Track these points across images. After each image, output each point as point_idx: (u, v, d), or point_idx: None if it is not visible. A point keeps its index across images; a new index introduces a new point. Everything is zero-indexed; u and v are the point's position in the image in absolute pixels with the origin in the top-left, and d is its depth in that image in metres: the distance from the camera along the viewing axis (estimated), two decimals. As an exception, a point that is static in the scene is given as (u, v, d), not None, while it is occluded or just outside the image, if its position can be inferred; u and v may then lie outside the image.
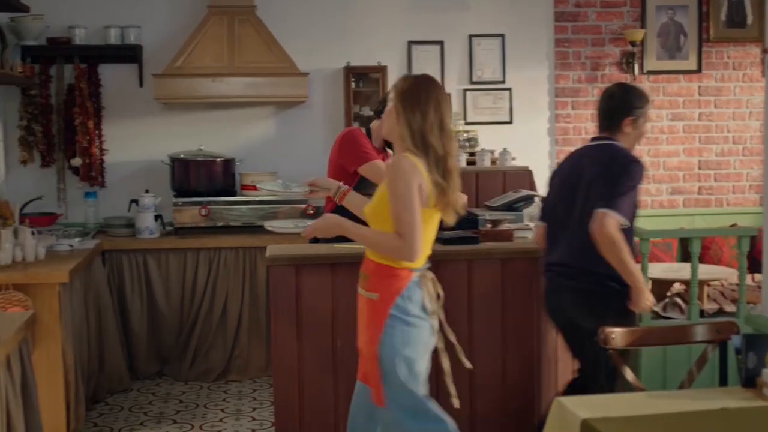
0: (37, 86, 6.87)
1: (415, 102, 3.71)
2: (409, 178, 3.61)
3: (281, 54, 6.82)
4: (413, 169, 3.63)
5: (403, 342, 3.69)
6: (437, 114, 3.71)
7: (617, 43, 7.61)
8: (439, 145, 3.68)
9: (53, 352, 5.17)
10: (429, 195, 3.65)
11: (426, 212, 3.67)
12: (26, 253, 5.48)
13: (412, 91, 3.75)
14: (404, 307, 3.69)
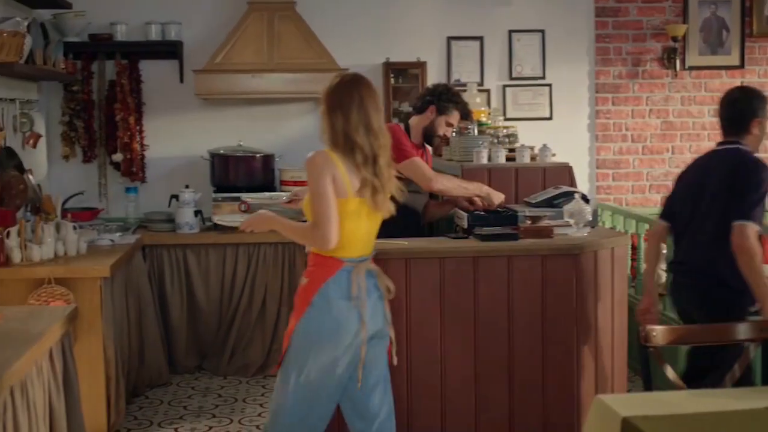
0: (79, 82, 6.93)
1: (337, 103, 3.85)
2: (320, 171, 3.75)
3: (321, 50, 6.83)
4: (326, 161, 3.78)
5: (319, 326, 3.80)
6: (361, 113, 3.81)
7: (659, 39, 7.55)
8: (366, 144, 3.79)
9: (94, 346, 5.21)
10: (347, 187, 3.77)
11: (346, 203, 3.78)
12: (68, 247, 5.53)
13: (335, 91, 3.89)
14: (326, 294, 3.80)
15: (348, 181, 3.78)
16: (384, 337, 3.98)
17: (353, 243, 3.86)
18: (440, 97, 5.47)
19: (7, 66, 5.31)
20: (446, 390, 4.59)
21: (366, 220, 3.89)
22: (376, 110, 3.88)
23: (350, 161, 3.79)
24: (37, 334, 3.45)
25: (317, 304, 3.81)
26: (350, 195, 3.78)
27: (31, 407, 3.26)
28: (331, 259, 3.84)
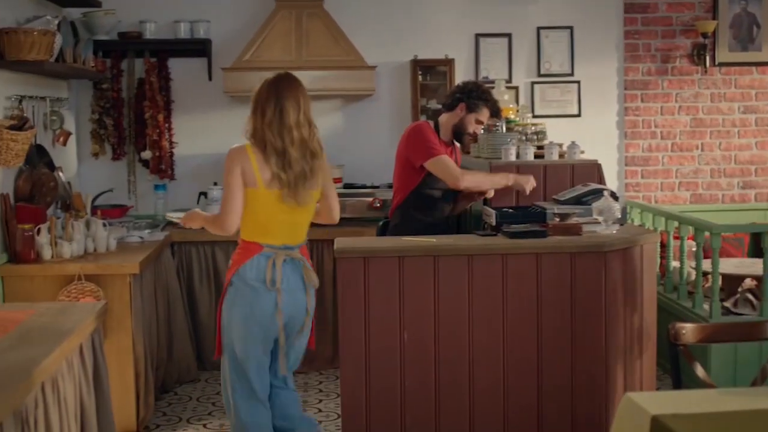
0: (108, 80, 6.98)
1: (258, 102, 4.18)
2: (230, 164, 4.09)
3: (349, 47, 6.83)
4: (239, 155, 4.11)
5: (235, 305, 4.11)
6: (277, 110, 4.11)
7: (688, 35, 7.50)
8: (276, 140, 4.08)
9: (124, 342, 5.25)
10: (257, 179, 4.07)
11: (256, 192, 4.09)
12: (98, 244, 5.57)
13: (259, 91, 4.21)
14: (243, 276, 4.10)
15: (259, 173, 4.07)
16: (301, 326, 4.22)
17: (271, 231, 4.13)
18: (470, 94, 5.46)
19: (38, 64, 5.35)
20: (474, 388, 4.58)
21: (285, 211, 4.13)
22: (295, 106, 4.15)
23: (264, 155, 4.09)
24: (67, 330, 3.48)
25: (235, 285, 4.13)
26: (261, 186, 4.08)
27: (61, 403, 3.28)
28: (252, 244, 4.14)
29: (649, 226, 6.65)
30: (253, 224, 4.14)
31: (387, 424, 4.57)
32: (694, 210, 7.19)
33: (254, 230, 4.14)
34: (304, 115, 4.18)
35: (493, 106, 5.52)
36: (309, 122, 4.21)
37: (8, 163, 5.07)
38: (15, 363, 3.04)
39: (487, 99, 5.48)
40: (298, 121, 4.14)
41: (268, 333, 4.13)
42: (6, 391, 2.74)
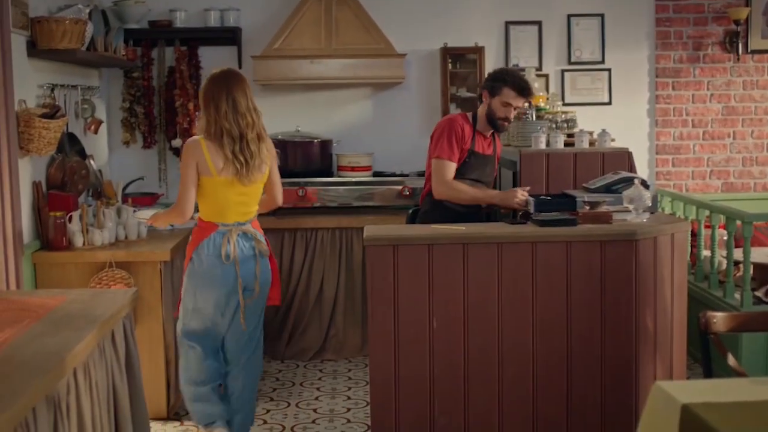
0: (139, 69, 7.01)
1: (210, 98, 4.59)
2: (185, 158, 4.58)
3: (378, 35, 6.83)
4: (193, 149, 4.57)
5: (193, 276, 4.67)
6: (229, 101, 4.57)
7: (720, 22, 7.43)
8: (233, 127, 4.56)
9: (155, 330, 5.29)
10: (210, 168, 4.56)
11: (212, 180, 4.58)
12: (128, 231, 5.60)
13: (207, 89, 4.63)
14: (201, 252, 4.65)
15: (212, 163, 4.56)
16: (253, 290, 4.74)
17: (225, 212, 4.68)
18: (489, 79, 5.34)
19: (69, 53, 5.39)
20: (503, 375, 4.58)
21: (237, 192, 4.65)
22: (244, 95, 4.62)
23: (218, 145, 4.56)
24: (99, 316, 3.51)
25: (194, 260, 4.68)
26: (214, 174, 4.57)
27: (93, 389, 3.31)
28: (209, 224, 4.69)
29: (680, 214, 6.61)
30: (209, 207, 4.68)
31: (416, 412, 4.57)
32: (725, 199, 7.14)
33: (211, 212, 4.68)
34: (251, 102, 4.66)
35: (515, 83, 5.25)
36: (255, 108, 4.69)
37: (40, 151, 5.11)
38: (47, 349, 3.07)
39: (506, 79, 5.26)
40: (249, 108, 4.63)
41: (219, 301, 4.68)
42: (39, 377, 2.77)
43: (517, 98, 5.26)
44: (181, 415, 5.53)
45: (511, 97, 5.24)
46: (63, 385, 2.99)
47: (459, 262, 4.52)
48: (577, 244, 4.57)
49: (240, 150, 4.57)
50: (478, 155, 5.34)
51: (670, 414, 2.81)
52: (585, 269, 4.57)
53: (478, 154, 5.33)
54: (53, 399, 2.89)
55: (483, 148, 5.37)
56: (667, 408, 2.85)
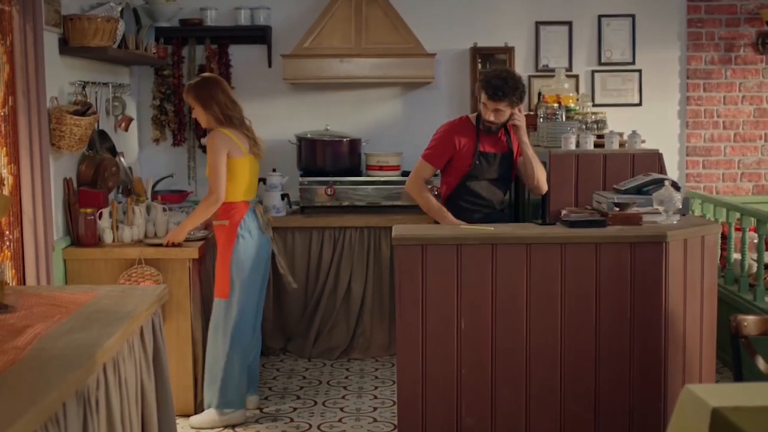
0: (169, 67, 7.04)
1: (206, 97, 5.18)
2: (217, 148, 5.08)
3: (408, 35, 6.83)
4: (221, 138, 5.11)
5: (245, 252, 5.19)
6: (224, 95, 5.22)
7: (753, 23, 7.37)
8: (236, 112, 5.24)
9: (183, 327, 5.31)
10: (242, 149, 5.17)
11: (243, 161, 5.18)
12: (158, 228, 5.63)
13: (198, 92, 5.20)
14: (248, 227, 5.21)
15: (240, 144, 5.17)
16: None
17: (251, 188, 5.30)
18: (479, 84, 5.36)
19: (101, 50, 5.42)
20: (531, 377, 4.57)
21: (256, 168, 5.36)
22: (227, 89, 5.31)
23: (234, 129, 5.18)
24: (128, 312, 3.53)
25: (245, 237, 5.18)
26: (245, 153, 5.19)
27: (122, 384, 3.33)
28: (241, 203, 5.21)
29: (710, 217, 6.57)
30: (240, 187, 5.19)
31: (443, 412, 4.57)
32: (756, 201, 7.08)
33: (242, 191, 5.21)
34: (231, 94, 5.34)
35: (487, 87, 5.20)
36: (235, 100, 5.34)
37: (71, 148, 5.14)
38: (78, 344, 3.09)
39: (482, 84, 5.25)
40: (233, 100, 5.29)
41: (266, 270, 5.44)
42: (69, 372, 2.78)
43: (490, 102, 5.22)
44: (209, 412, 5.55)
45: (485, 100, 5.24)
46: (93, 380, 3.00)
47: (487, 263, 4.51)
48: (607, 246, 4.55)
49: (248, 130, 5.27)
50: (486, 154, 5.35)
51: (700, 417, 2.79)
52: (614, 271, 4.55)
53: (484, 153, 5.34)
54: (83, 394, 2.91)
55: (490, 146, 5.38)
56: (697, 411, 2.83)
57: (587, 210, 5.04)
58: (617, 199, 4.91)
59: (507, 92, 5.19)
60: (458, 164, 5.38)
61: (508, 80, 5.21)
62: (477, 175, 5.36)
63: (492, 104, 5.22)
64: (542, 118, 6.03)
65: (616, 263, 4.55)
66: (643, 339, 4.58)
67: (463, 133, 5.36)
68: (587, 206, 5.21)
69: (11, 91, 4.63)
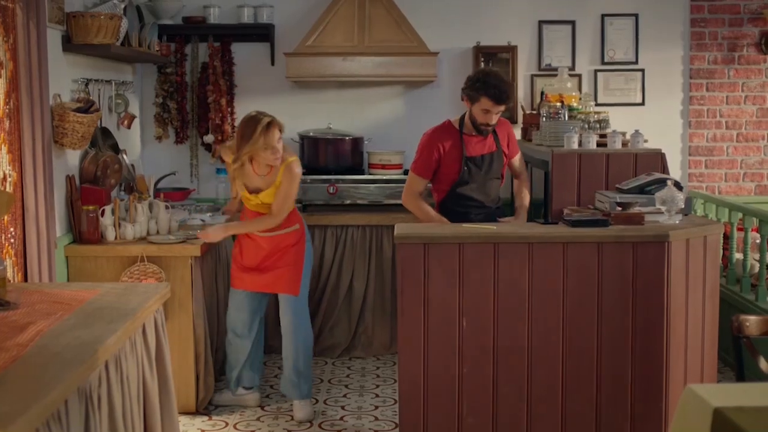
0: (172, 64, 7.05)
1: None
2: (296, 180, 5.37)
3: (411, 33, 6.82)
4: (300, 171, 5.41)
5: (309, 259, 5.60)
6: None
7: (756, 23, 7.37)
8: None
9: (185, 324, 5.31)
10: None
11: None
12: (160, 226, 5.63)
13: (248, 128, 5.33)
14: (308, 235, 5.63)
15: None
16: None
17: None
18: (468, 86, 5.30)
19: (104, 48, 5.42)
20: (532, 376, 4.57)
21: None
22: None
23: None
24: (131, 310, 3.53)
25: (309, 241, 5.59)
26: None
27: (124, 381, 3.33)
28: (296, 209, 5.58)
29: (712, 217, 6.57)
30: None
31: (444, 411, 4.57)
32: (759, 201, 7.08)
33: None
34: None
35: (492, 93, 5.18)
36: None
37: (74, 145, 5.14)
38: (80, 341, 3.09)
39: (483, 88, 5.20)
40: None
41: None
42: (71, 369, 2.79)
43: (495, 106, 5.22)
44: (210, 410, 5.55)
45: (489, 106, 5.21)
46: (95, 377, 3.01)
47: (489, 262, 4.51)
48: (609, 245, 4.55)
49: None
50: (473, 158, 5.33)
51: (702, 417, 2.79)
52: (616, 270, 4.55)
53: (472, 157, 5.33)
54: (85, 391, 2.91)
55: (476, 148, 5.36)
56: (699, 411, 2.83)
57: (589, 209, 5.05)
58: (620, 199, 4.91)
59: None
60: (446, 170, 5.35)
61: (505, 82, 5.25)
62: (467, 181, 5.34)
63: (497, 108, 5.22)
64: (545, 117, 6.03)
65: (619, 263, 4.55)
66: (645, 338, 4.58)
67: (446, 138, 5.33)
68: (589, 206, 5.21)
69: (14, 88, 4.64)
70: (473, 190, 5.36)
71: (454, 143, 5.32)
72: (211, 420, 5.43)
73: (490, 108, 5.21)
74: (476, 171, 5.33)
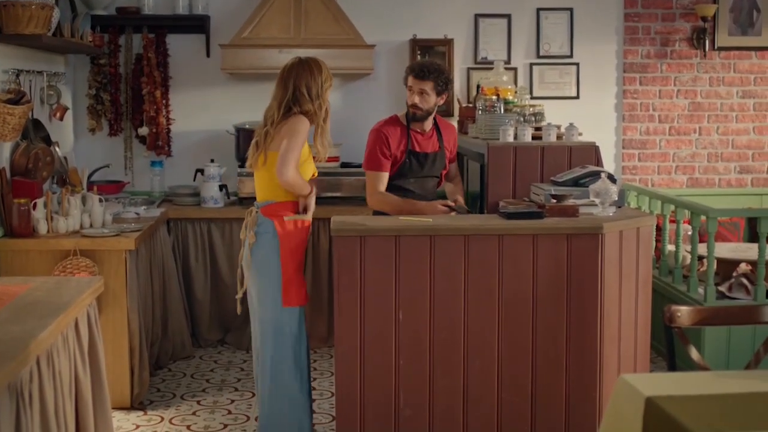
0: (106, 55, 6.96)
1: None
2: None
3: (348, 26, 6.81)
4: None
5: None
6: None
7: (688, 18, 7.48)
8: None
9: (119, 318, 5.26)
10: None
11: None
12: (93, 219, 5.56)
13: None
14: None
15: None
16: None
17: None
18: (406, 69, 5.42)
19: (35, 38, 5.33)
20: (469, 368, 4.59)
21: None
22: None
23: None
24: (63, 304, 3.48)
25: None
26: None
27: (56, 377, 3.28)
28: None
29: (645, 209, 6.66)
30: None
31: (381, 403, 4.57)
32: (690, 194, 7.19)
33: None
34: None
35: (414, 67, 5.31)
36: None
37: (5, 137, 5.06)
38: (10, 336, 3.04)
39: (411, 65, 5.41)
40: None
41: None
42: (1, 364, 2.74)
43: (417, 82, 5.24)
44: (145, 405, 5.50)
45: (411, 82, 5.26)
46: (26, 373, 2.96)
47: (426, 254, 4.52)
48: (544, 237, 4.59)
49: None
50: (417, 154, 5.33)
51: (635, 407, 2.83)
52: (551, 262, 4.59)
53: (416, 152, 5.33)
54: (16, 387, 2.86)
55: (422, 145, 5.36)
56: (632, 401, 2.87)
57: (525, 202, 5.08)
58: (554, 191, 4.95)
59: (432, 71, 5.24)
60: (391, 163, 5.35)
61: (433, 64, 5.33)
62: (406, 174, 5.34)
63: (417, 84, 5.22)
64: (481, 111, 6.05)
65: (553, 254, 4.59)
66: (579, 329, 4.62)
67: (394, 131, 5.30)
68: (525, 198, 5.25)
69: (-58, 78, 4.54)
70: (411, 183, 5.36)
71: (402, 136, 5.31)
72: (146, 415, 5.38)
73: (412, 85, 5.24)
74: (417, 167, 5.33)
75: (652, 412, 2.75)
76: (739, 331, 5.63)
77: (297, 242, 4.66)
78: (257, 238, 4.64)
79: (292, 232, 4.63)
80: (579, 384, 4.65)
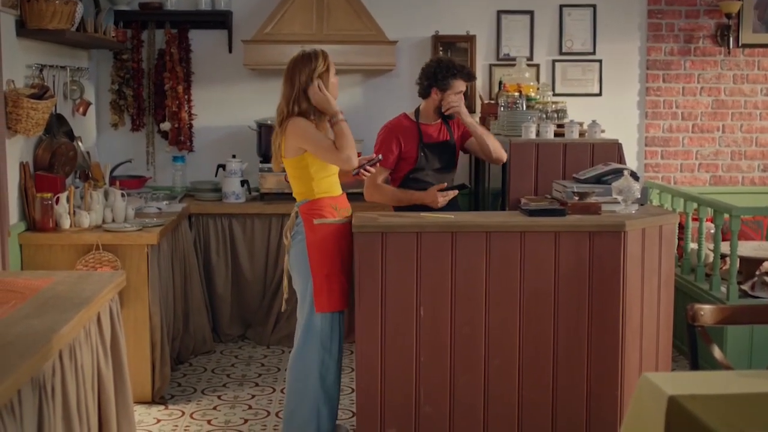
0: (128, 51, 6.97)
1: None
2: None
3: (370, 22, 6.80)
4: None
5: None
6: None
7: (712, 15, 7.43)
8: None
9: (140, 313, 5.27)
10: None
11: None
12: (116, 214, 5.58)
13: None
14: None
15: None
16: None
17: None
18: (436, 77, 5.31)
19: (59, 33, 5.35)
20: (489, 365, 4.58)
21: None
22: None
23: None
24: (85, 298, 3.50)
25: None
26: None
27: (79, 371, 3.30)
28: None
29: (667, 207, 6.62)
30: None
31: (401, 400, 4.57)
32: (713, 192, 7.15)
33: None
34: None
35: (463, 73, 5.34)
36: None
37: (28, 132, 5.08)
38: (34, 330, 3.05)
39: (454, 72, 5.30)
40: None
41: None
42: (24, 358, 2.75)
43: (468, 83, 5.40)
44: (166, 400, 5.52)
45: (462, 86, 5.32)
46: (48, 367, 2.97)
47: (447, 251, 4.51)
48: (566, 235, 4.57)
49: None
50: (430, 145, 5.33)
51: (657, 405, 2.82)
52: (573, 260, 4.57)
53: (429, 144, 5.33)
54: (38, 381, 2.88)
55: (433, 136, 5.37)
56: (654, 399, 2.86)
57: (547, 199, 5.07)
58: (576, 189, 4.93)
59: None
60: (404, 160, 5.35)
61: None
62: (423, 167, 5.34)
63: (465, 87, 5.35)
64: (503, 107, 6.04)
65: (575, 252, 4.57)
66: (601, 327, 4.61)
67: (404, 130, 5.33)
68: (547, 195, 5.23)
69: (-33, 73, 4.57)
70: (428, 176, 5.36)
71: (412, 134, 5.32)
72: (168, 409, 5.39)
73: (463, 88, 5.32)
74: (432, 158, 5.33)
75: (674, 411, 2.74)
76: (762, 330, 5.60)
77: (329, 248, 4.58)
78: (292, 241, 4.65)
79: (322, 238, 4.57)
80: (600, 382, 4.64)
